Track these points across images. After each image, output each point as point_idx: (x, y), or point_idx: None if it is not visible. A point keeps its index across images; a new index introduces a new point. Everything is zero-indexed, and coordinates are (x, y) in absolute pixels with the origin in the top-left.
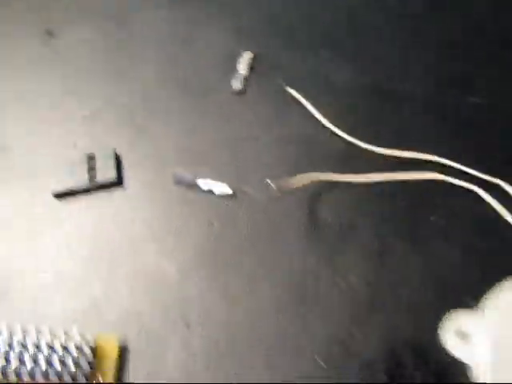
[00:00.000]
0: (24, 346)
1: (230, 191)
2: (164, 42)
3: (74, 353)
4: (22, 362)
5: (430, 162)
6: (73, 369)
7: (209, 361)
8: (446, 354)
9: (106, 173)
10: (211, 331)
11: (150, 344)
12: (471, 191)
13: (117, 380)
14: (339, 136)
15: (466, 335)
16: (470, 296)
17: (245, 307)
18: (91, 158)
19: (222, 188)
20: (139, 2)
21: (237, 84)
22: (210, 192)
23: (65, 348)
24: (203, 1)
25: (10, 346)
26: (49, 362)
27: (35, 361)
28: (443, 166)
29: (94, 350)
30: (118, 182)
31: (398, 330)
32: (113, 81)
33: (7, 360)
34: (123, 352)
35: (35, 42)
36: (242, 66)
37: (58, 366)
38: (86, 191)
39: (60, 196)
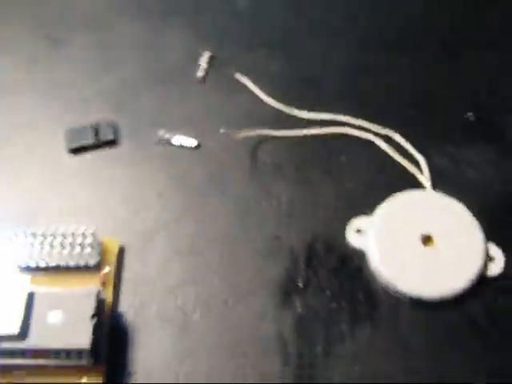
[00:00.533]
0: (52, 245)
1: (195, 144)
2: (141, 45)
3: (88, 247)
4: (50, 256)
5: (341, 121)
6: (86, 258)
7: (184, 249)
8: (349, 245)
9: (107, 135)
10: (184, 231)
11: (141, 243)
12: (371, 141)
13: (117, 266)
14: (276, 108)
15: (362, 232)
16: (367, 207)
17: (206, 219)
18: (95, 126)
19: (190, 142)
20: (121, 12)
21: (199, 75)
22: (181, 146)
23: (80, 244)
24: (170, 16)
25: (42, 244)
26: (70, 254)
27: (60, 254)
28: (351, 124)
29: (101, 246)
30: (115, 141)
31: (314, 231)
32: (103, 75)
33: (40, 255)
34: (121, 249)
35: (40, 44)
36: (203, 62)
37: (76, 257)
38: (92, 147)
39: (74, 151)
